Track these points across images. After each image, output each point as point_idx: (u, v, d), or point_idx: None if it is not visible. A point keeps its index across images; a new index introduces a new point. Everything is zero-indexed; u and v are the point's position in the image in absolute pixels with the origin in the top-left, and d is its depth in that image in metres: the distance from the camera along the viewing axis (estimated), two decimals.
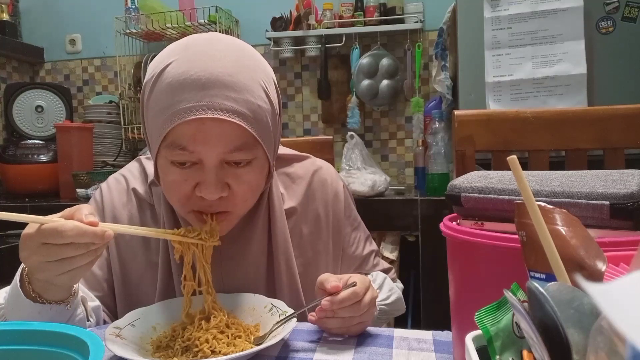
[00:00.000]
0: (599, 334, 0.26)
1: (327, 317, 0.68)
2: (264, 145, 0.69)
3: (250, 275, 0.81)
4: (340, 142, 2.23)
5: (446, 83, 1.88)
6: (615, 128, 1.04)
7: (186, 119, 0.63)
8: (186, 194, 0.69)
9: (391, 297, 0.87)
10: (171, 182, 0.69)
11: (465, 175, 0.59)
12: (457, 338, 0.56)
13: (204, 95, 0.63)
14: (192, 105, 0.63)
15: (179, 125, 0.64)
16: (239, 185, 0.69)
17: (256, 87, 0.68)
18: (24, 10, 2.66)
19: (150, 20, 2.24)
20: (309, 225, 0.86)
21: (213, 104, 0.63)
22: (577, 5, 1.51)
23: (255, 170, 0.71)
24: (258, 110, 0.67)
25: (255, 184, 0.72)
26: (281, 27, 2.23)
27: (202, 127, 0.64)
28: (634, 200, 0.46)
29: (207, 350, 0.63)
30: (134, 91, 2.36)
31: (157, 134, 0.67)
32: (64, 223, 0.58)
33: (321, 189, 0.89)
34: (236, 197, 0.70)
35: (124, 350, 0.60)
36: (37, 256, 0.59)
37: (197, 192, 0.68)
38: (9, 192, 2.19)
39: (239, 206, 0.72)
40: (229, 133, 0.65)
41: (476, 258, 0.50)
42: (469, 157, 1.09)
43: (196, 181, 0.67)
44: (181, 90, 0.64)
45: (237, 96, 0.65)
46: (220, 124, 0.64)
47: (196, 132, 0.64)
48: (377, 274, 0.92)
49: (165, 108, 0.65)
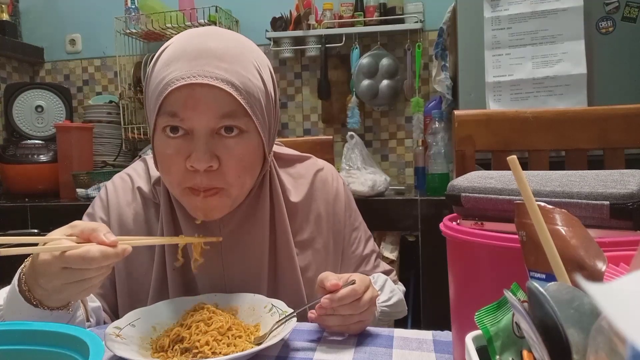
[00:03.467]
0: (599, 334, 0.26)
1: (326, 315, 0.68)
2: (255, 119, 0.70)
3: (252, 269, 0.81)
4: (340, 142, 2.23)
5: (446, 83, 1.88)
6: (615, 128, 1.04)
7: (176, 85, 0.66)
8: (179, 168, 0.69)
9: (392, 298, 0.87)
10: (166, 157, 0.70)
11: (465, 175, 0.59)
12: (457, 338, 0.56)
13: (195, 65, 0.66)
14: (183, 74, 0.66)
15: (171, 93, 0.66)
16: (229, 158, 0.69)
17: (248, 64, 0.70)
18: (24, 10, 2.65)
19: (150, 20, 2.24)
20: (310, 224, 0.87)
21: (203, 71, 0.66)
22: (577, 5, 1.51)
23: (247, 145, 0.71)
24: (249, 83, 0.69)
25: (247, 160, 0.72)
26: (281, 27, 2.23)
27: (192, 93, 0.66)
28: (634, 200, 0.46)
29: (208, 352, 0.63)
30: (134, 91, 2.36)
31: (153, 109, 0.70)
32: (88, 249, 0.57)
33: (322, 188, 0.89)
34: (227, 172, 0.70)
35: (124, 350, 0.60)
36: (58, 280, 0.59)
37: (187, 164, 0.68)
38: (9, 192, 2.19)
39: (232, 184, 0.71)
40: (219, 99, 0.67)
41: (476, 258, 0.50)
42: (469, 157, 1.09)
43: (188, 153, 0.68)
44: (175, 63, 0.67)
45: (228, 66, 0.67)
46: (209, 90, 0.66)
47: (187, 98, 0.66)
48: (379, 275, 0.92)
49: (159, 82, 0.68)
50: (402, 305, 0.92)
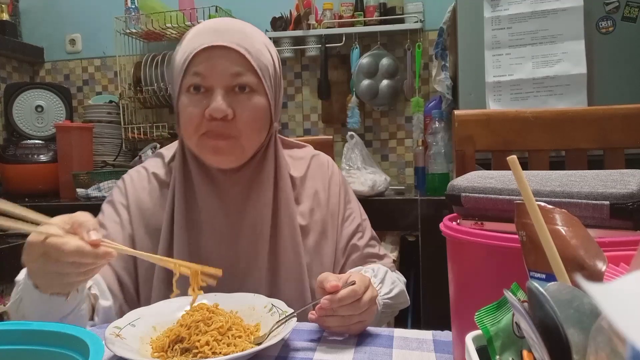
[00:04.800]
0: (599, 334, 0.26)
1: (326, 316, 0.68)
2: (263, 81, 0.82)
3: (256, 229, 0.86)
4: (340, 142, 2.23)
5: (446, 83, 1.88)
6: (615, 128, 1.04)
7: (200, 48, 0.79)
8: (198, 117, 0.80)
9: (394, 290, 0.88)
10: (188, 111, 0.81)
11: (465, 175, 0.59)
12: (457, 338, 0.56)
13: (215, 34, 0.80)
14: (204, 41, 0.79)
15: (196, 56, 0.79)
16: (242, 110, 0.80)
17: (259, 41, 0.83)
18: (24, 10, 2.65)
19: (150, 20, 2.24)
20: (309, 198, 0.93)
21: (222, 39, 0.79)
22: (577, 5, 1.51)
23: (258, 102, 0.82)
24: (258, 53, 0.82)
25: (257, 116, 0.82)
26: (281, 27, 2.23)
27: (212, 54, 0.79)
28: (634, 200, 0.46)
29: (208, 352, 0.63)
30: (134, 91, 2.36)
31: (178, 74, 0.81)
32: (66, 242, 0.58)
33: (319, 170, 0.98)
34: (240, 123, 0.80)
35: (124, 350, 0.60)
36: (36, 264, 0.60)
37: (206, 113, 0.79)
38: (9, 192, 2.19)
39: (242, 133, 0.81)
40: (234, 60, 0.79)
41: (476, 258, 0.50)
42: (469, 157, 1.09)
43: (207, 105, 0.79)
44: (198, 36, 0.81)
45: (242, 37, 0.81)
46: (227, 52, 0.79)
47: (208, 58, 0.79)
48: (379, 267, 0.91)
49: (185, 51, 0.81)
50: (404, 296, 0.93)
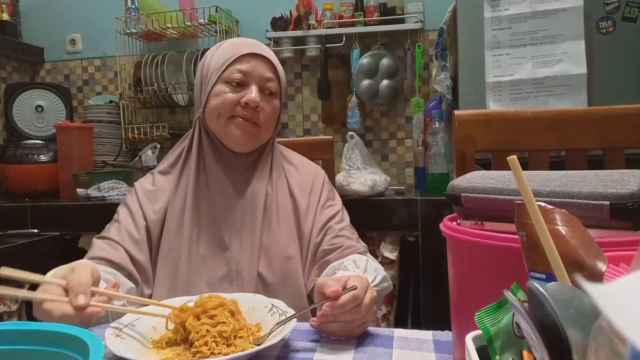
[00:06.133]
0: (599, 334, 0.26)
1: (328, 322, 0.68)
2: (281, 87, 1.04)
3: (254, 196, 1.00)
4: (340, 142, 2.23)
5: (446, 83, 1.88)
6: (615, 128, 1.04)
7: (245, 52, 0.99)
8: (233, 101, 0.97)
9: (377, 277, 0.90)
10: (225, 97, 0.97)
11: (465, 175, 0.59)
12: (457, 338, 0.56)
13: (256, 47, 1.01)
14: (247, 49, 0.99)
15: (240, 58, 0.98)
16: (267, 107, 1.00)
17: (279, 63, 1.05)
18: (24, 10, 2.65)
19: (150, 20, 2.24)
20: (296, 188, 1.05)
21: (261, 50, 1.01)
22: (577, 5, 1.51)
23: (276, 104, 1.03)
24: (281, 68, 1.04)
25: (274, 115, 1.03)
26: (281, 27, 2.23)
27: (252, 59, 0.99)
28: (634, 200, 0.46)
29: (207, 352, 0.63)
30: (134, 91, 2.36)
31: (218, 69, 0.98)
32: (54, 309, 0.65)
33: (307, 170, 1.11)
34: (264, 114, 0.99)
35: (124, 350, 0.60)
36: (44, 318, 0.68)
37: (242, 100, 0.96)
38: (9, 192, 2.19)
39: (263, 124, 1.00)
40: (268, 67, 1.01)
41: (476, 258, 0.50)
42: (469, 157, 1.09)
43: (242, 95, 0.97)
44: (239, 45, 1.01)
45: (272, 54, 1.03)
46: (264, 60, 1.00)
47: (250, 61, 0.99)
48: (359, 257, 0.94)
49: (226, 53, 0.99)
50: (387, 279, 0.95)
